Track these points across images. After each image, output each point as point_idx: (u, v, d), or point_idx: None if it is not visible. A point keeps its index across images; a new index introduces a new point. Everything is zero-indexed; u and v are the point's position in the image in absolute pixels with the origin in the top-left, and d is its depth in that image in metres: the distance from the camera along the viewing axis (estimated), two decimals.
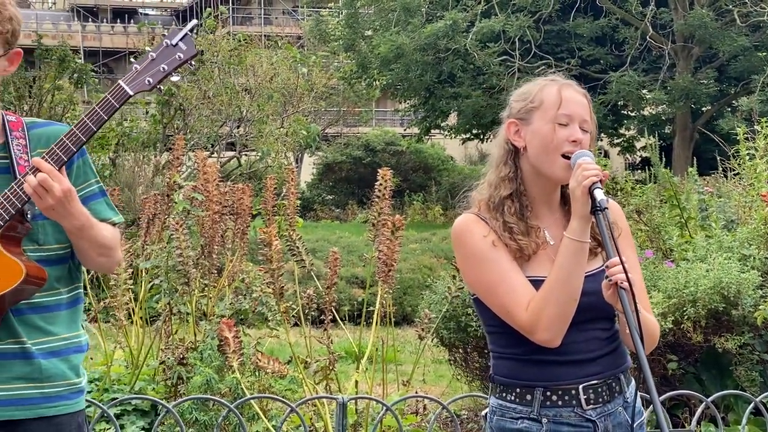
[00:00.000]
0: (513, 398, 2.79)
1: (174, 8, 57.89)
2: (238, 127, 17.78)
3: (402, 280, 11.62)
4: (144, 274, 7.15)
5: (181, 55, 2.68)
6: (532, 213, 2.81)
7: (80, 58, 15.26)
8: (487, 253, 2.75)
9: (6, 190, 2.62)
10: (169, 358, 6.38)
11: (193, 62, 2.76)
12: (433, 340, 7.03)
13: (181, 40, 2.69)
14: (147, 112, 17.69)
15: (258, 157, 17.19)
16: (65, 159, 2.61)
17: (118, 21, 54.46)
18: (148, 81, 2.67)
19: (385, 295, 6.08)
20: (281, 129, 17.88)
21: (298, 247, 6.54)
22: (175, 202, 7.19)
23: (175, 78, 2.73)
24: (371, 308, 6.46)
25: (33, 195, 2.57)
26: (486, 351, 7.25)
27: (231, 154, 19.24)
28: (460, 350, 7.45)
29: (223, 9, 18.64)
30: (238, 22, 48.86)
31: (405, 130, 42.02)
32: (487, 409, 2.91)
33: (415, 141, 34.52)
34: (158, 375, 6.71)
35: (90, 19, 53.44)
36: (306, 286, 6.93)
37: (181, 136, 7.73)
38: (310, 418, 5.82)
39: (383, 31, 27.70)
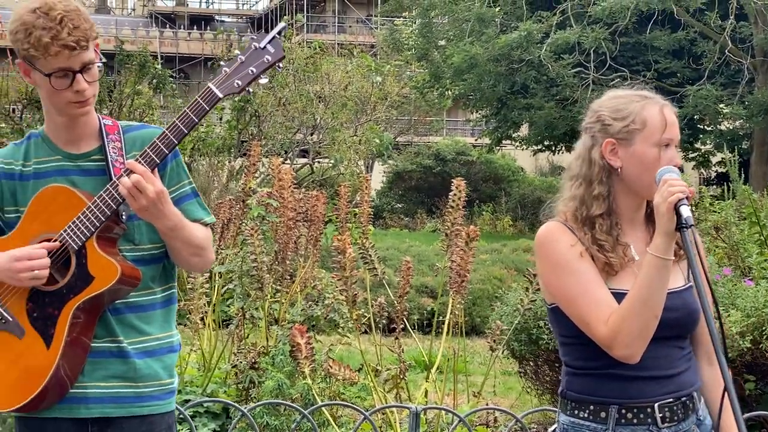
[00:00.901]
0: (586, 415, 2.73)
1: (250, 15, 58.54)
2: (312, 134, 17.89)
3: (472, 290, 11.56)
4: (218, 278, 7.23)
5: (269, 58, 2.72)
6: (620, 229, 2.78)
7: (159, 64, 15.48)
8: (572, 263, 2.71)
9: (101, 192, 2.67)
10: (241, 362, 6.44)
11: (280, 65, 2.78)
12: (503, 351, 6.99)
13: (269, 43, 2.72)
14: (221, 118, 17.92)
15: (331, 165, 17.26)
16: (158, 161, 2.66)
17: (195, 27, 55.21)
18: (237, 84, 2.70)
19: (458, 306, 6.07)
20: (354, 137, 17.94)
21: (370, 256, 6.56)
22: (250, 208, 7.28)
23: (263, 80, 2.77)
24: (441, 318, 6.45)
25: (127, 196, 2.61)
26: (557, 365, 7.23)
27: (303, 161, 19.36)
28: (531, 363, 7.40)
29: (299, 17, 18.77)
30: (313, 30, 49.21)
31: (476, 140, 41.91)
32: (554, 426, 2.87)
33: (485, 151, 34.38)
34: (230, 378, 6.77)
35: (167, 26, 54.29)
36: (376, 294, 6.96)
37: (257, 143, 7.81)
38: (380, 426, 5.82)
39: (457, 41, 27.63)
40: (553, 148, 31.29)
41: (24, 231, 2.70)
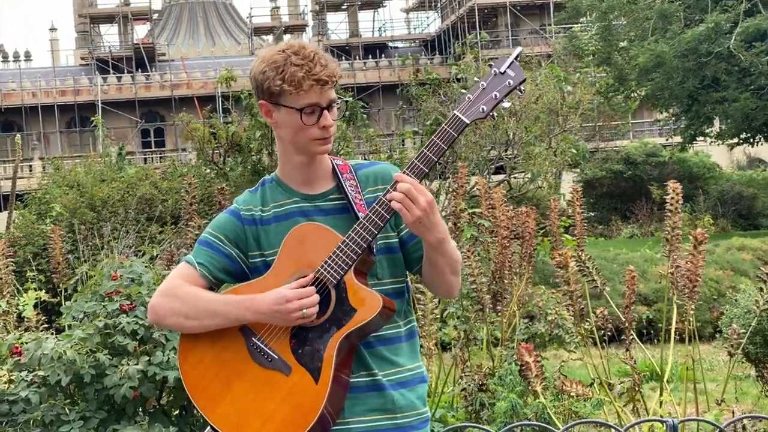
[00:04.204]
0: None
1: (422, 38, 59.09)
2: (506, 150, 17.82)
3: None
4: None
5: (511, 82, 2.73)
6: None
7: (350, 96, 15.82)
8: None
9: (355, 226, 2.71)
10: (469, 385, 6.43)
11: (522, 87, 2.78)
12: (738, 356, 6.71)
13: (508, 67, 2.74)
14: (414, 143, 18.08)
15: (528, 179, 17.12)
16: (426, 170, 2.69)
17: (370, 57, 56.17)
18: (483, 109, 2.72)
19: (690, 312, 5.86)
20: (549, 149, 17.75)
21: (588, 267, 6.43)
22: (462, 230, 7.27)
23: (506, 104, 2.77)
24: (660, 325, 6.25)
25: (400, 209, 2.64)
26: None
27: (498, 177, 19.31)
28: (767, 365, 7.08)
29: (484, 35, 18.76)
30: (487, 46, 49.17)
31: (666, 139, 40.73)
32: None
33: (677, 150, 33.33)
34: (456, 402, 6.77)
35: (343, 57, 55.47)
36: (594, 306, 6.82)
37: (464, 165, 7.82)
38: None
39: (639, 41, 27.00)
40: (752, 141, 30.01)
41: (279, 271, 2.77)
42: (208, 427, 2.80)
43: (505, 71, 2.73)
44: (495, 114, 2.77)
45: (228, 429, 2.74)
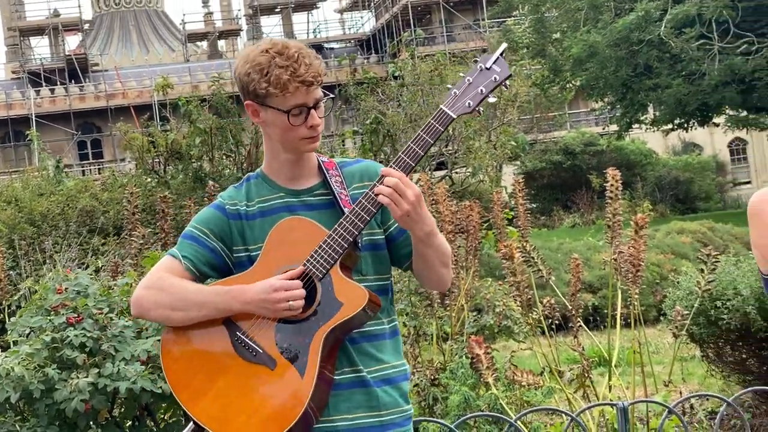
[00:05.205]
0: None
1: (358, 38, 59.11)
2: (447, 145, 17.93)
3: None
4: None
5: (497, 77, 2.77)
6: None
7: None
8: None
9: (341, 220, 2.72)
10: (421, 380, 6.46)
11: (507, 83, 2.82)
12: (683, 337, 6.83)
13: (494, 63, 2.78)
14: (355, 143, 18.08)
15: (469, 174, 17.22)
16: (413, 164, 2.70)
17: None
18: (469, 104, 2.75)
19: (635, 297, 5.95)
20: (489, 143, 17.87)
21: (533, 258, 6.50)
22: None
23: (492, 99, 2.81)
24: (606, 311, 6.34)
25: (388, 203, 2.65)
26: (740, 343, 7.03)
27: (440, 173, 19.40)
28: (712, 345, 7.21)
29: (419, 32, 18.84)
30: (422, 43, 49.32)
31: (603, 128, 41.26)
32: None
33: (614, 138, 33.81)
34: (410, 398, 6.79)
35: None
36: (541, 295, 6.90)
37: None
38: (575, 427, 5.75)
39: (572, 32, 27.32)
40: (686, 126, 30.51)
41: (267, 264, 2.76)
42: (191, 423, 2.76)
43: (491, 67, 2.77)
44: (481, 109, 2.79)
45: (211, 424, 2.72)
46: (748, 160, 49.10)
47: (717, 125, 32.30)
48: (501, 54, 2.78)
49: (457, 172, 19.05)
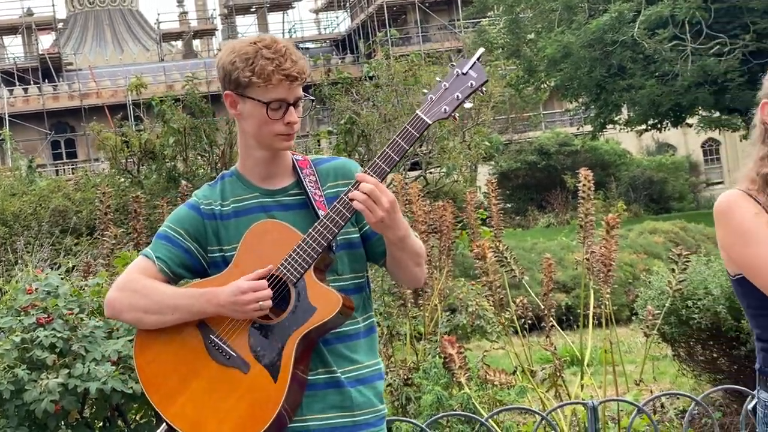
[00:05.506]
0: None
1: (333, 38, 59.08)
2: (421, 146, 17.96)
3: None
4: None
5: (473, 83, 2.75)
6: None
7: None
8: (758, 230, 2.63)
9: (316, 224, 2.71)
10: (395, 380, 6.47)
11: (483, 89, 2.81)
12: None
13: (470, 68, 2.76)
14: (330, 143, 18.06)
15: (443, 174, 17.24)
16: (388, 170, 2.69)
17: None
18: (445, 109, 2.74)
19: (606, 296, 5.98)
20: (463, 143, 17.90)
21: (506, 258, 6.52)
22: None
23: (468, 105, 2.80)
24: (579, 311, 6.36)
25: (363, 210, 2.64)
26: (710, 343, 7.08)
27: (414, 173, 19.42)
28: (683, 344, 7.26)
29: (394, 32, 18.87)
30: (397, 43, 49.37)
31: (577, 129, 41.42)
32: (753, 402, 2.79)
33: (589, 139, 33.96)
34: (384, 396, 6.80)
35: None
36: (514, 295, 6.92)
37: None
38: (545, 427, 5.78)
39: (546, 32, 27.44)
40: (659, 126, 30.71)
41: (240, 268, 2.74)
42: (164, 425, 2.76)
43: (467, 72, 2.75)
44: (457, 115, 2.78)
45: (184, 426, 2.72)
46: (720, 161, 49.46)
47: (690, 126, 32.53)
48: (477, 59, 2.77)
49: (431, 172, 19.09)
